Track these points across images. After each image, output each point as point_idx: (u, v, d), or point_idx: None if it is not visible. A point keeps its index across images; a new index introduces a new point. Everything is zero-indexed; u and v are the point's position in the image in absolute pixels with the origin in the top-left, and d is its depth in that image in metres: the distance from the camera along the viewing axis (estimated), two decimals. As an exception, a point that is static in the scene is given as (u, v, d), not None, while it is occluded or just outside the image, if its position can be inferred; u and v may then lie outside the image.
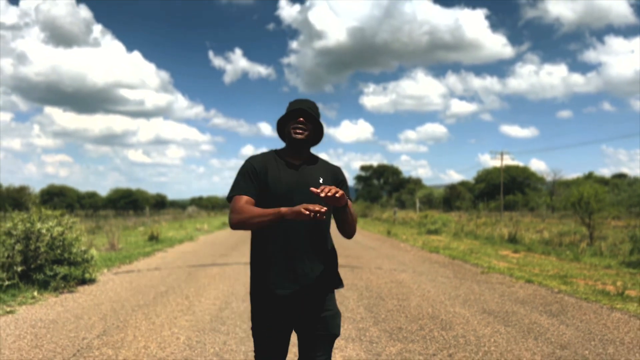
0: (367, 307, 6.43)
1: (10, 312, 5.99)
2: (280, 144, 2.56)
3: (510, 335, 5.08)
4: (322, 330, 2.39)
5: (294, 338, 2.49)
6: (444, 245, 16.07)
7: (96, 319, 5.70)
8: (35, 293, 6.85)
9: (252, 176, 2.39)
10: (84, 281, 8.04)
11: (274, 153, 2.51)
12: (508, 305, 6.56)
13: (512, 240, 17.21)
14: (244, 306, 6.39)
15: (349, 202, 2.38)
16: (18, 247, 7.01)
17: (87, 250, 7.92)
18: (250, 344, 4.71)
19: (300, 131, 2.42)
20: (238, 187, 2.37)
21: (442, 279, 8.90)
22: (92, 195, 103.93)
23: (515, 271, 9.70)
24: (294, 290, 2.32)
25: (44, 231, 7.11)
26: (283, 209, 2.16)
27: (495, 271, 9.79)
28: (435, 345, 4.72)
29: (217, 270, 9.81)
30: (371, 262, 11.36)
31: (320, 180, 2.43)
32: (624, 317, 5.88)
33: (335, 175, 2.52)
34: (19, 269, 6.96)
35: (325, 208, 2.09)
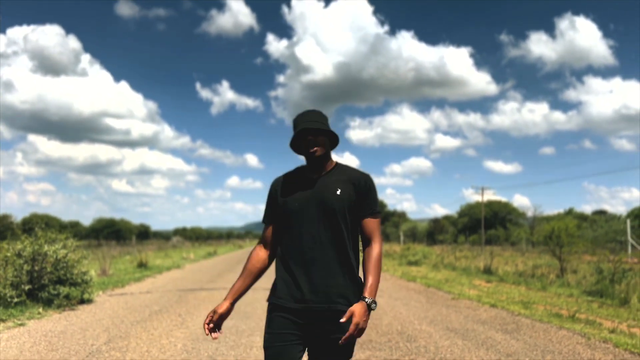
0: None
1: (21, 324, 6.64)
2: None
3: (465, 347, 5.84)
4: (329, 353, 2.27)
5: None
6: (422, 275, 16.83)
7: (100, 331, 6.38)
8: (41, 309, 7.50)
9: (270, 201, 2.49)
10: (82, 301, 8.67)
11: (298, 170, 2.51)
12: (470, 325, 7.33)
13: (487, 271, 18.02)
14: (232, 323, 7.08)
15: (368, 288, 2.25)
16: (26, 267, 7.66)
17: (86, 272, 8.58)
18: (239, 350, 5.43)
19: (315, 148, 2.35)
20: (265, 215, 2.51)
21: (415, 303, 9.65)
22: (75, 225, 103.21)
23: (483, 298, 10.49)
24: (303, 306, 2.27)
25: (50, 253, 7.78)
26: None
27: (465, 297, 10.56)
28: (399, 353, 5.48)
29: (206, 294, 10.46)
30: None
31: (338, 192, 2.35)
32: (568, 334, 6.68)
33: (357, 183, 2.38)
34: (26, 287, 7.60)
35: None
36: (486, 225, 65.08)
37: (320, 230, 2.31)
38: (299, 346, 2.28)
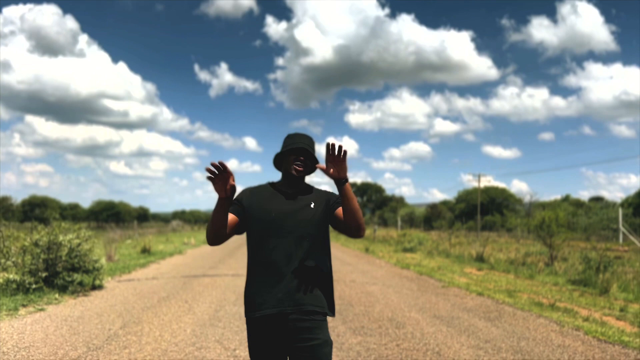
0: (337, 311, 7.74)
1: (41, 309, 7.21)
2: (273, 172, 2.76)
3: (449, 333, 6.42)
4: (309, 359, 2.39)
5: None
6: (416, 262, 17.44)
7: (114, 316, 6.95)
8: (57, 295, 8.06)
9: (237, 204, 2.56)
10: (94, 287, 9.24)
11: (269, 185, 2.66)
12: (455, 312, 7.91)
13: (479, 259, 18.65)
14: (235, 309, 7.65)
15: (349, 186, 2.43)
16: (42, 256, 8.21)
17: (97, 260, 9.13)
18: (243, 335, 5.99)
19: (301, 168, 2.54)
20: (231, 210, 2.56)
21: (407, 291, 10.24)
22: (75, 207, 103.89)
23: (471, 286, 11.08)
24: (278, 311, 2.38)
25: (65, 242, 8.33)
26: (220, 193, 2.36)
27: (455, 285, 11.16)
28: (387, 338, 6.05)
29: (209, 281, 11.04)
30: (346, 276, 12.66)
31: (312, 205, 2.54)
32: (544, 322, 7.26)
33: (328, 198, 2.60)
34: (43, 274, 8.16)
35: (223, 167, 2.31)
36: (483, 211, 65.83)
37: (295, 241, 2.45)
38: (282, 355, 2.43)
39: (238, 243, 28.40)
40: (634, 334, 6.59)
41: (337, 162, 2.35)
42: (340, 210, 2.54)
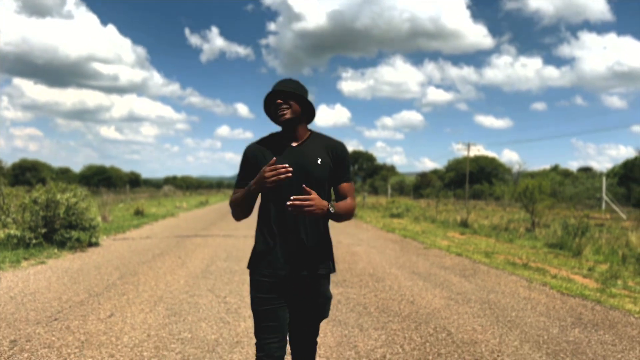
0: (323, 267, 8.22)
1: (42, 262, 7.64)
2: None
3: (424, 286, 6.91)
4: (314, 313, 2.50)
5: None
6: (402, 227, 17.99)
7: (112, 269, 7.38)
8: (56, 250, 8.48)
9: (246, 166, 2.47)
10: (90, 244, 9.65)
11: (273, 136, 2.53)
12: (433, 270, 8.42)
13: (464, 224, 19.23)
14: (226, 264, 8.11)
15: (335, 205, 2.42)
16: (41, 213, 8.59)
17: (94, 218, 9.53)
18: (233, 286, 6.45)
19: (284, 111, 2.39)
20: (237, 180, 2.52)
21: (390, 251, 10.75)
22: (66, 171, 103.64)
23: (452, 248, 11.60)
24: (286, 272, 2.38)
25: (63, 201, 8.70)
26: (251, 182, 2.31)
27: (436, 247, 11.68)
28: (366, 289, 6.54)
29: (200, 240, 11.50)
30: (333, 238, 13.06)
31: (319, 161, 2.42)
32: (515, 279, 7.78)
33: (335, 151, 2.49)
34: (42, 231, 8.56)
35: (289, 171, 2.20)
36: (472, 180, 66.62)
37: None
38: (285, 307, 2.42)
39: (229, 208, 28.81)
40: (595, 289, 7.12)
41: (304, 208, 2.22)
42: (342, 187, 2.53)
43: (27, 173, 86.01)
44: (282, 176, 2.19)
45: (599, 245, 12.38)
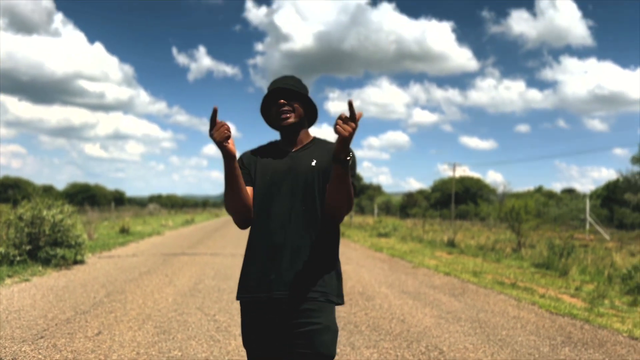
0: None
1: (27, 280, 7.50)
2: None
3: (414, 305, 6.90)
4: (304, 347, 1.99)
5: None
6: (390, 246, 17.99)
7: (98, 286, 7.27)
8: (40, 268, 8.34)
9: (242, 167, 2.18)
10: (76, 262, 9.51)
11: (271, 144, 2.28)
12: (422, 289, 8.41)
13: (450, 244, 19.28)
14: (214, 283, 8.03)
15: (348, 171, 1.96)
16: (26, 229, 8.46)
17: (80, 235, 9.40)
18: (222, 304, 6.38)
19: (287, 114, 2.12)
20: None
21: (378, 270, 10.73)
22: (49, 189, 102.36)
23: (440, 267, 11.62)
24: (269, 295, 2.03)
25: (48, 217, 8.59)
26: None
27: (424, 266, 11.69)
28: (357, 308, 6.51)
29: (187, 259, 11.38)
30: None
31: (313, 163, 2.12)
32: (504, 298, 7.80)
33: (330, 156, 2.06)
34: (27, 247, 8.42)
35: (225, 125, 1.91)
36: (458, 200, 67.02)
37: (292, 208, 2.09)
38: (278, 342, 2.06)
39: (216, 226, 28.66)
40: (583, 308, 7.16)
41: (345, 133, 1.88)
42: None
43: (9, 190, 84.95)
44: (222, 128, 1.91)
45: (585, 265, 12.48)
